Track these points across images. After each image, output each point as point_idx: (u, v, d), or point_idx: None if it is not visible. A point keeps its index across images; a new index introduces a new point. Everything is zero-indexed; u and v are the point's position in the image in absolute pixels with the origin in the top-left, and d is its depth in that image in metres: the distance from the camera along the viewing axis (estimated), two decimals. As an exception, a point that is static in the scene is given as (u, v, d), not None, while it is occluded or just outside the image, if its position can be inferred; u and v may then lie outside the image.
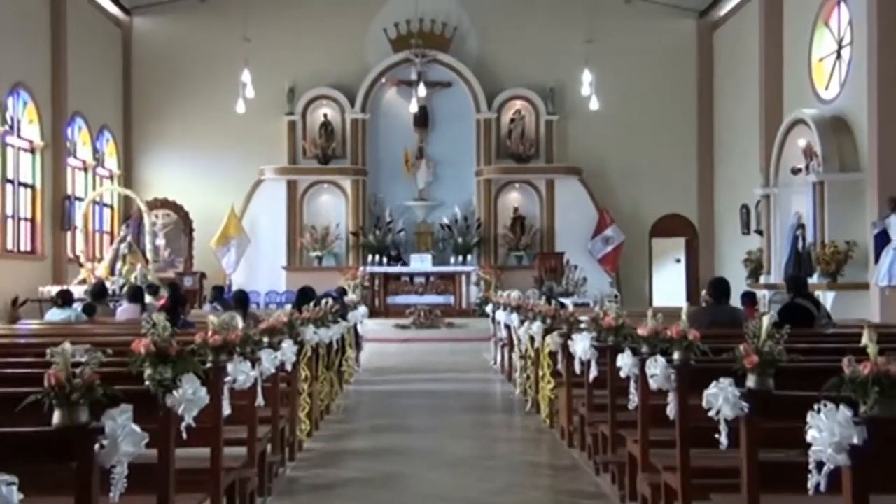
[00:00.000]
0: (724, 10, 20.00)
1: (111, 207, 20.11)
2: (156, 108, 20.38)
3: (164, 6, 20.54)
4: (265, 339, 5.91)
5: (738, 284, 15.21)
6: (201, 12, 20.42)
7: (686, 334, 4.37)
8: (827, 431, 2.63)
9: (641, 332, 4.85)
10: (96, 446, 2.80)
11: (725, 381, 3.49)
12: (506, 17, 20.74)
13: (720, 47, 20.61)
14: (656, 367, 4.35)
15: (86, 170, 18.84)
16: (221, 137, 20.17)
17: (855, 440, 2.61)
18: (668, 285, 20.98)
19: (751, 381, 3.51)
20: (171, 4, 20.50)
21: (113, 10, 19.90)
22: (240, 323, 4.98)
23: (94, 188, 18.81)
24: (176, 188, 19.98)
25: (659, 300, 20.11)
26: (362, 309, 14.10)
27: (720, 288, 7.45)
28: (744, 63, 18.48)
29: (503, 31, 20.77)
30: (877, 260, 12.69)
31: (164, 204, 19.66)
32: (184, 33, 20.57)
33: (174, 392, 3.57)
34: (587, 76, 17.60)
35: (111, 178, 19.99)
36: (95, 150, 19.17)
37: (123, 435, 2.84)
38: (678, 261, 21.81)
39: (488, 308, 14.65)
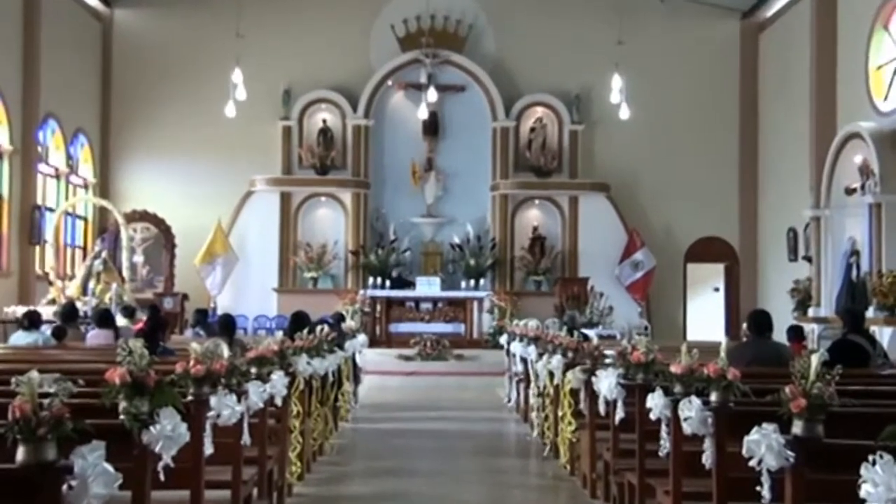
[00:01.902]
0: (771, 10, 20.06)
1: (85, 220, 20.21)
2: (137, 111, 20.51)
3: (149, -2, 20.75)
4: (253, 370, 5.90)
5: (784, 317, 15.16)
6: (189, 5, 20.59)
7: (725, 373, 4.35)
8: (883, 486, 2.61)
9: (674, 369, 4.83)
10: (64, 487, 2.80)
11: (769, 427, 3.48)
12: (527, 15, 20.85)
13: (766, 51, 20.65)
14: (691, 410, 4.33)
15: (58, 178, 18.95)
16: (209, 144, 20.27)
17: (914, 496, 2.59)
18: (705, 317, 20.90)
19: (797, 428, 3.50)
20: (156, -4, 20.71)
21: (92, 1, 20.09)
22: (225, 351, 4.99)
23: (66, 198, 18.90)
24: (157, 199, 20.07)
25: (694, 333, 20.01)
26: (361, 337, 14.09)
27: (761, 321, 7.42)
28: (793, 69, 18.51)
29: (524, 29, 20.87)
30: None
31: (144, 217, 19.75)
32: (169, 28, 20.74)
33: (151, 428, 3.57)
34: (617, 81, 17.65)
35: (86, 187, 20.10)
36: (69, 157, 19.29)
37: (94, 475, 2.84)
38: (716, 290, 21.74)
39: (503, 339, 14.60)
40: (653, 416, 5.03)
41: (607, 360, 7.18)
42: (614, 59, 17.97)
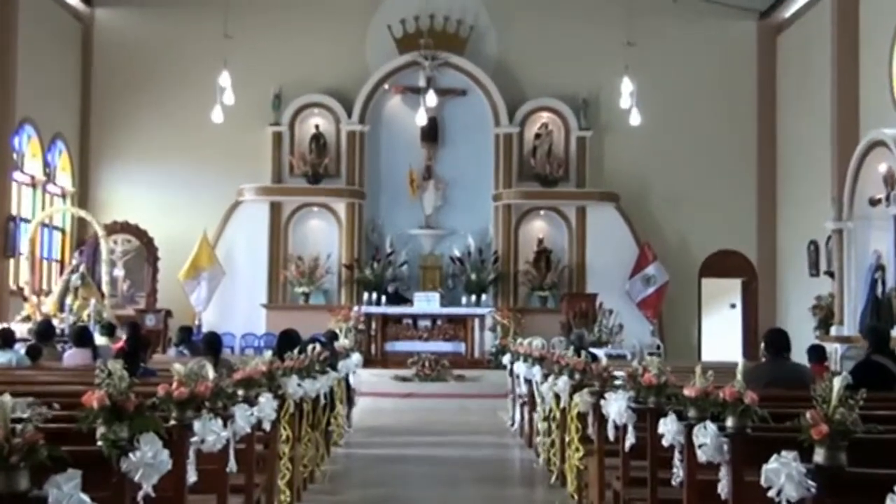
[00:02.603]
0: (789, 11, 20.13)
1: (62, 231, 20.21)
2: (118, 116, 20.53)
3: (132, -4, 20.80)
4: (240, 392, 5.89)
5: (805, 336, 15.16)
6: (175, 4, 20.64)
7: (742, 396, 4.34)
8: (910, 518, 2.60)
9: (688, 392, 4.82)
10: (37, 519, 2.79)
11: (789, 455, 3.47)
12: (531, 15, 20.91)
13: (785, 54, 20.71)
14: (706, 436, 4.32)
15: (34, 186, 18.96)
16: (194, 151, 20.30)
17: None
18: (721, 336, 20.89)
19: (819, 456, 3.49)
20: (139, -6, 20.77)
21: (72, 0, 20.14)
22: (210, 372, 4.98)
23: (43, 208, 18.91)
24: (139, 210, 20.07)
25: (710, 354, 20.00)
26: (356, 357, 14.07)
27: (778, 341, 7.42)
28: (813, 73, 18.55)
29: (528, 30, 20.93)
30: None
31: (125, 228, 19.75)
32: (153, 28, 20.79)
33: (131, 455, 3.56)
34: (627, 85, 17.67)
35: (63, 196, 20.11)
36: (46, 164, 19.31)
37: (70, 506, 2.83)
38: (733, 306, 21.73)
39: (505, 359, 14.59)
40: (665, 443, 5.02)
41: (617, 382, 7.16)
42: (624, 61, 18.00)
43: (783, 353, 7.34)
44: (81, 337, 10.20)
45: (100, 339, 11.52)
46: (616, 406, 6.36)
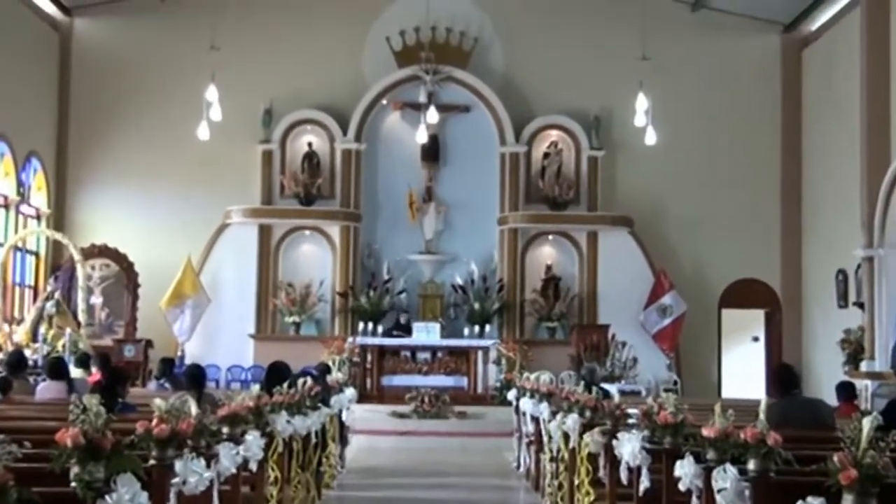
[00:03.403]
0: (816, 23, 20.23)
1: (36, 255, 20.22)
2: (98, 133, 20.59)
3: (113, 5, 20.90)
4: (225, 430, 5.88)
5: (833, 372, 15.14)
6: (159, 13, 20.76)
7: (765, 437, 4.33)
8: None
9: (707, 432, 4.82)
10: (5, 566, 2.79)
11: (815, 501, 3.45)
12: (540, 27, 21.02)
13: (811, 69, 20.78)
14: (726, 479, 4.31)
15: (6, 207, 19.00)
16: (179, 170, 20.35)
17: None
18: (743, 371, 20.83)
19: (847, 502, 3.47)
20: (120, 3, 20.85)
21: (49, 8, 20.25)
22: (193, 408, 4.97)
23: (16, 231, 18.93)
24: (119, 233, 20.09)
25: (730, 390, 19.93)
26: (350, 392, 14.05)
27: (785, 377, 7.44)
28: (841, 89, 18.60)
29: (536, 43, 21.03)
30: None
31: (104, 252, 19.76)
32: (136, 39, 20.89)
33: (107, 497, 3.55)
34: (642, 102, 17.71)
35: (38, 218, 20.14)
36: (20, 184, 19.34)
37: (40, 552, 2.82)
38: (755, 339, 21.68)
39: (511, 394, 14.55)
40: (682, 487, 5.01)
41: (630, 421, 7.16)
42: (639, 76, 18.06)
43: (792, 389, 7.35)
44: (56, 369, 10.19)
45: (75, 372, 11.52)
46: (629, 447, 6.35)
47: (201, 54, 18.92)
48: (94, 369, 11.75)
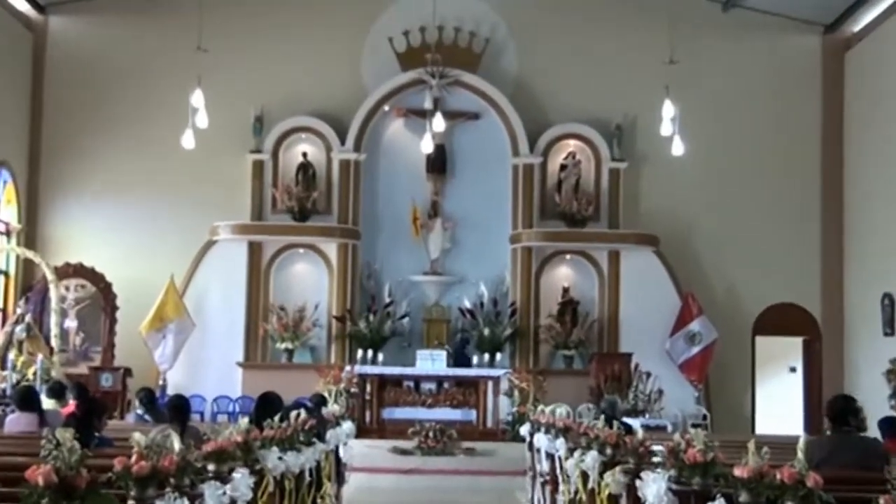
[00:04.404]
0: (860, 24, 20.26)
1: (6, 275, 20.25)
2: (74, 141, 20.63)
3: (91, 3, 20.98)
4: (210, 467, 5.87)
5: (878, 406, 15.09)
6: (141, 11, 20.83)
7: (804, 478, 4.32)
8: None
9: (740, 472, 4.80)
10: None
11: (858, 548, 3.45)
12: (557, 26, 21.08)
13: (853, 73, 20.80)
14: (760, 524, 4.30)
15: (-27, 222, 19.06)
16: (161, 182, 20.39)
17: None
18: (779, 405, 20.80)
19: (894, 549, 3.47)
20: (100, 0, 20.94)
21: (22, 5, 20.33)
22: (176, 442, 4.97)
23: (-18, 247, 18.98)
24: (95, 251, 20.12)
25: (765, 426, 19.90)
26: (347, 425, 13.99)
27: (840, 409, 7.38)
28: (887, 95, 18.62)
29: (553, 44, 21.08)
30: None
31: (79, 272, 19.79)
32: (116, 39, 20.97)
33: (81, 540, 3.55)
34: (668, 109, 17.73)
35: (7, 234, 20.17)
36: (-13, 196, 19.41)
37: None
38: (793, 370, 21.64)
39: (524, 429, 14.52)
40: (712, 532, 4.99)
41: (655, 459, 7.14)
42: (665, 81, 18.08)
43: (847, 424, 7.30)
44: (26, 399, 10.19)
45: (47, 402, 11.52)
46: (654, 488, 6.32)
47: (187, 56, 18.94)
48: (70, 400, 11.76)
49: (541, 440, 12.07)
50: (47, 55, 21.02)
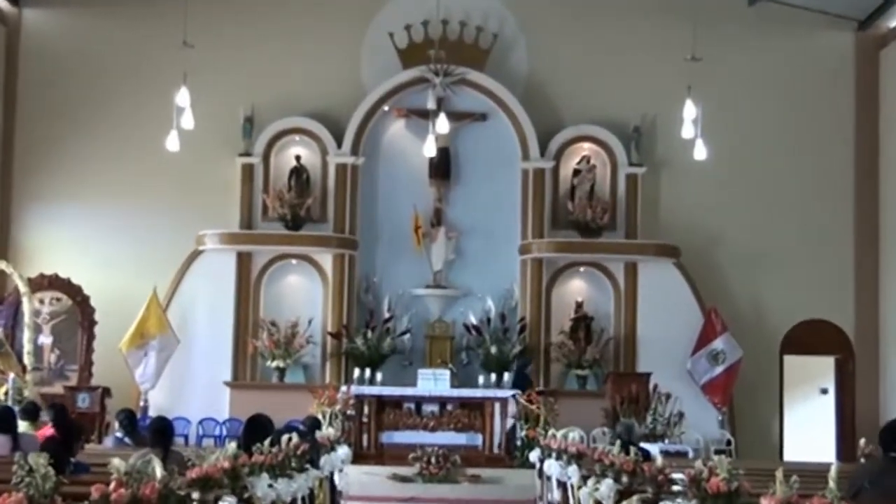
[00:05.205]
0: (894, 20, 20.25)
1: (-25, 286, 20.31)
2: (49, 143, 20.65)
3: (69, -6, 21.08)
4: (195, 495, 5.87)
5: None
6: (122, 4, 20.85)
7: (836, 509, 4.32)
8: None
9: (767, 502, 4.80)
10: None
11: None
12: (570, 22, 21.12)
13: (890, 72, 20.81)
14: (789, 559, 4.30)
15: (-59, 229, 19.08)
16: (144, 188, 20.41)
17: None
18: (809, 429, 20.76)
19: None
20: (78, -9, 21.04)
21: (-6, -3, 20.44)
22: (158, 468, 4.97)
23: (-49, 257, 19.01)
24: (72, 261, 20.13)
25: (794, 452, 19.87)
26: (343, 450, 14.00)
27: (891, 433, 7.36)
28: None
29: (566, 40, 21.11)
30: None
31: (54, 284, 19.79)
32: (95, 34, 21.00)
33: (56, 574, 3.56)
34: (690, 111, 17.74)
35: (-23, 242, 20.22)
36: (-44, 202, 19.44)
37: None
38: (824, 392, 21.60)
39: (533, 455, 14.53)
40: (737, 567, 4.99)
41: (676, 488, 7.13)
42: (687, 80, 18.09)
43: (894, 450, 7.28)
44: (2, 420, 10.19)
45: (20, 425, 11.51)
46: (674, 519, 6.33)
47: (171, 51, 18.90)
48: (45, 421, 11.75)
49: (552, 467, 12.06)
50: (21, 51, 21.03)
